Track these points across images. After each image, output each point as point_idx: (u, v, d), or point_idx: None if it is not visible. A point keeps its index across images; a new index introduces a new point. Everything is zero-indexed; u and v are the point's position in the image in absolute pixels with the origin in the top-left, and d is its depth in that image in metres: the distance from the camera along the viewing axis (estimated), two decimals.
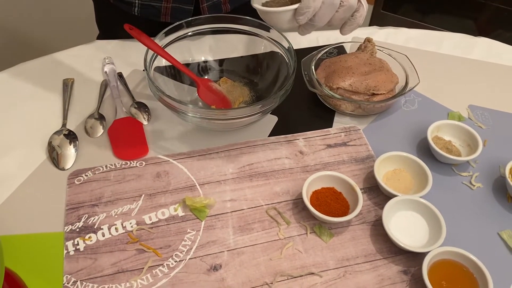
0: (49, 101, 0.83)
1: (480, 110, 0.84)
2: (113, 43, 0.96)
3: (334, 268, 0.62)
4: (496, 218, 0.68)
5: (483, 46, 0.98)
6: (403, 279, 0.61)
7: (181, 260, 0.62)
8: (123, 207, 0.68)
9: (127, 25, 0.74)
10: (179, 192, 0.70)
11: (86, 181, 0.71)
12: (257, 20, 0.82)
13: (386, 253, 0.64)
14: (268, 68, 0.85)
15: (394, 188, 0.68)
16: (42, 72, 0.89)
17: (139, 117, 0.80)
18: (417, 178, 0.70)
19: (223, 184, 0.71)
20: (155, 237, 0.65)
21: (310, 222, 0.67)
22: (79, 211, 0.67)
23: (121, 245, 0.64)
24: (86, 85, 0.87)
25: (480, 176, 0.73)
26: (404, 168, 0.72)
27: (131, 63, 0.90)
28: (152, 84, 0.72)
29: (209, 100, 0.77)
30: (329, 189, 0.69)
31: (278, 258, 0.63)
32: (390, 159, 0.72)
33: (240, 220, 0.67)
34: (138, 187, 0.70)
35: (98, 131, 0.78)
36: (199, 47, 0.87)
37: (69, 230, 0.65)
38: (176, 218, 0.67)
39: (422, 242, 0.63)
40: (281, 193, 0.70)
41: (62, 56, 0.92)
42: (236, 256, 0.63)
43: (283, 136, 0.78)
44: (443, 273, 0.59)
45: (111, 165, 0.73)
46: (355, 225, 0.67)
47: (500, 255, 0.64)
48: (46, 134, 0.77)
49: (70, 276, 0.60)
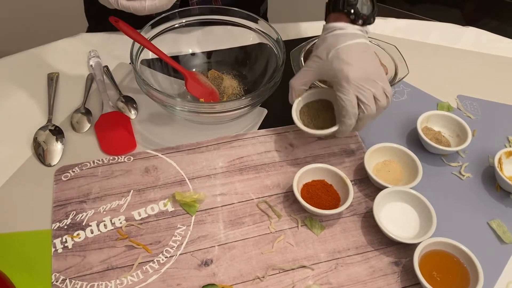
0: (34, 96, 0.82)
1: (469, 100, 0.84)
2: (98, 36, 0.94)
3: (325, 260, 0.62)
4: (485, 208, 0.69)
5: (471, 35, 0.98)
6: (394, 270, 0.61)
7: (172, 256, 0.62)
8: (112, 203, 0.67)
9: (112, 17, 0.72)
10: (168, 187, 0.69)
11: (73, 177, 0.70)
12: (245, 12, 0.81)
13: (377, 245, 0.64)
14: (257, 60, 0.84)
15: (385, 180, 0.68)
16: (26, 67, 0.87)
17: (126, 111, 0.79)
18: (407, 169, 0.70)
19: (213, 178, 0.70)
20: (144, 233, 0.64)
21: (301, 215, 0.66)
22: (66, 208, 0.66)
23: (110, 242, 0.63)
24: (72, 79, 0.85)
25: (469, 166, 0.74)
26: (394, 159, 0.72)
27: (117, 56, 0.89)
28: (139, 78, 0.70)
29: (197, 93, 0.76)
30: (320, 182, 0.68)
31: (270, 251, 0.63)
32: (380, 151, 0.72)
33: (231, 214, 0.66)
34: (126, 182, 0.69)
35: (85, 126, 0.77)
36: (187, 40, 0.86)
37: (57, 228, 0.64)
38: (165, 213, 0.66)
39: (413, 233, 0.64)
40: (272, 187, 0.70)
41: (46, 50, 0.90)
42: (227, 251, 0.62)
43: (273, 129, 0.77)
44: (434, 263, 0.59)
45: (99, 161, 0.72)
46: (346, 217, 0.67)
47: (490, 244, 0.65)
48: (31, 130, 0.75)
49: (59, 274, 0.59)
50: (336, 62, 0.65)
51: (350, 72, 0.64)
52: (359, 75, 0.64)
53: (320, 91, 0.73)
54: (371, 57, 0.67)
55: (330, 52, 0.66)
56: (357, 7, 0.67)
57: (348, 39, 0.66)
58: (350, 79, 0.64)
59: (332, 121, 0.70)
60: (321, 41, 0.69)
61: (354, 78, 0.64)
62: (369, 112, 0.64)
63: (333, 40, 0.67)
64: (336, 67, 0.65)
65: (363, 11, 0.68)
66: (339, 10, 0.68)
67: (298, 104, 0.71)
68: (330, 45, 0.67)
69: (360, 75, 0.64)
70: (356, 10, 0.67)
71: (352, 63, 0.64)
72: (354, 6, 0.67)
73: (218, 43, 0.87)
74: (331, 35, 0.67)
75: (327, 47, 0.67)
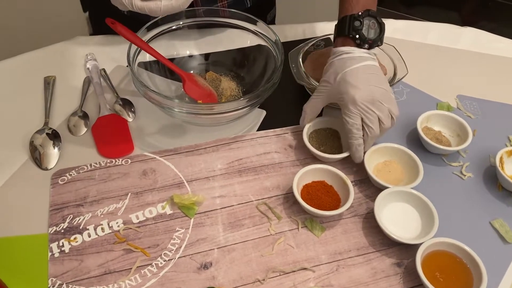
0: (30, 100, 0.81)
1: (469, 100, 0.84)
2: (95, 39, 0.93)
3: (326, 262, 0.61)
4: (487, 208, 0.68)
5: (469, 36, 0.98)
6: (397, 271, 0.60)
7: (170, 259, 0.61)
8: (109, 206, 0.66)
9: (108, 19, 0.72)
10: (166, 190, 0.68)
11: (70, 180, 0.69)
12: (243, 13, 0.81)
13: (379, 246, 0.63)
14: (255, 62, 0.83)
15: (385, 180, 0.68)
16: (22, 70, 0.87)
17: (123, 114, 0.78)
18: (408, 169, 0.70)
19: (211, 180, 0.70)
20: (142, 236, 0.63)
21: (301, 217, 0.66)
22: (63, 211, 0.65)
23: (108, 246, 0.62)
24: (68, 82, 0.84)
25: (470, 166, 0.73)
26: (395, 160, 0.71)
27: (115, 59, 0.88)
28: (136, 80, 0.70)
29: (195, 95, 0.76)
30: (320, 183, 0.68)
31: (270, 254, 0.62)
32: (380, 151, 0.71)
33: (230, 217, 0.65)
34: (124, 185, 0.68)
35: (82, 129, 0.76)
36: (184, 41, 0.85)
37: (54, 232, 0.63)
38: (164, 216, 0.65)
39: (414, 234, 0.63)
40: (271, 188, 0.69)
41: (42, 53, 0.90)
42: (226, 253, 0.62)
43: (272, 130, 0.77)
44: (437, 264, 0.59)
45: (96, 164, 0.71)
46: (347, 218, 0.66)
47: (493, 244, 0.64)
48: (27, 134, 0.74)
49: (55, 279, 0.58)
50: (343, 85, 0.66)
51: (356, 95, 0.64)
52: (365, 98, 0.64)
53: (329, 120, 0.75)
54: (379, 79, 0.67)
55: (338, 76, 0.66)
56: (363, 32, 0.67)
57: (355, 62, 0.66)
58: (357, 102, 0.64)
59: (338, 149, 0.73)
60: (329, 65, 0.69)
61: (360, 101, 0.64)
62: (372, 135, 0.66)
63: (340, 64, 0.67)
64: (343, 90, 0.66)
65: (369, 36, 0.68)
66: (345, 35, 0.68)
67: (308, 129, 0.73)
68: (337, 68, 0.67)
69: (367, 98, 0.64)
70: (362, 35, 0.67)
71: (359, 86, 0.64)
72: (360, 31, 0.67)
73: (216, 45, 0.86)
74: (338, 59, 0.68)
75: (335, 71, 0.67)
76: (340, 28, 0.69)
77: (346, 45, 0.68)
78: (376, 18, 0.68)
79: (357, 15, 0.67)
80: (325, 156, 0.70)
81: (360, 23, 0.67)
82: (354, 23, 0.67)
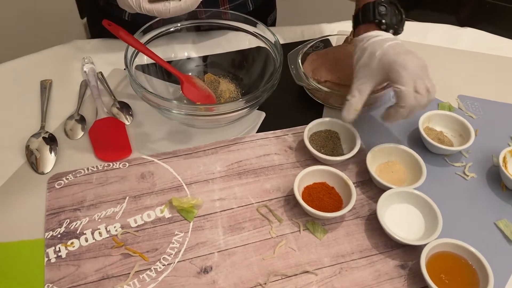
0: (26, 104, 0.80)
1: (470, 100, 0.83)
2: (92, 42, 0.92)
3: (329, 265, 0.60)
4: (491, 208, 0.67)
5: (469, 36, 0.97)
6: (401, 273, 0.59)
7: (170, 264, 0.59)
8: (107, 210, 0.65)
9: (105, 21, 0.71)
10: (165, 193, 0.67)
11: (67, 184, 0.67)
12: (242, 15, 0.80)
13: (382, 248, 0.62)
14: (254, 63, 0.83)
15: (388, 180, 0.67)
16: (18, 74, 0.86)
17: (121, 117, 0.77)
18: (410, 170, 0.69)
19: (211, 183, 0.68)
20: (141, 241, 0.62)
21: (302, 219, 0.64)
22: (60, 216, 0.64)
23: (106, 250, 0.60)
24: (65, 86, 0.83)
25: (473, 166, 0.72)
26: (397, 160, 0.70)
27: (112, 62, 0.87)
28: (134, 81, 0.69)
29: (193, 97, 0.75)
30: (321, 184, 0.67)
31: (271, 257, 0.60)
32: (382, 151, 0.70)
33: (230, 220, 0.64)
34: (122, 189, 0.67)
35: (79, 133, 0.75)
36: (182, 44, 0.84)
37: (50, 237, 0.62)
38: (162, 220, 0.64)
39: (418, 235, 0.62)
40: (272, 190, 0.68)
41: (39, 57, 0.89)
42: (227, 257, 0.60)
43: (272, 132, 0.76)
44: (442, 265, 0.57)
45: (93, 168, 0.70)
46: (349, 220, 0.65)
47: (498, 245, 0.63)
48: (23, 137, 0.73)
49: (52, 285, 0.57)
50: (386, 58, 0.63)
51: (406, 62, 0.62)
52: (415, 64, 0.62)
53: (329, 121, 0.74)
54: (414, 53, 0.65)
55: (376, 54, 0.64)
56: (388, 17, 0.67)
57: (389, 41, 0.65)
58: (408, 67, 0.62)
59: (339, 151, 0.72)
60: (360, 51, 0.67)
61: (412, 66, 0.62)
62: (421, 103, 0.63)
63: (374, 45, 0.65)
64: (388, 61, 0.63)
65: (393, 21, 0.67)
66: (370, 21, 0.67)
67: (308, 131, 0.72)
68: (372, 50, 0.65)
69: (415, 64, 0.62)
70: (387, 20, 0.66)
71: (403, 55, 0.63)
72: (385, 16, 0.66)
73: (214, 47, 0.86)
74: (370, 42, 0.66)
75: (371, 52, 0.65)
76: (364, 14, 0.68)
77: (371, 30, 0.67)
78: (396, 5, 0.68)
79: (380, 1, 0.67)
80: (326, 158, 0.69)
81: (385, 9, 0.66)
82: (379, 9, 0.66)
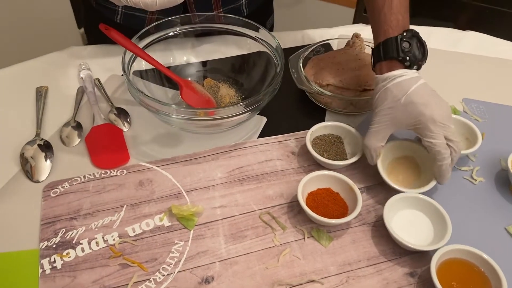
0: (21, 111, 0.78)
1: (475, 103, 0.81)
2: (88, 48, 0.91)
3: (335, 274, 0.58)
4: (501, 213, 0.65)
5: (472, 39, 0.96)
6: (410, 281, 0.57)
7: (169, 274, 0.57)
8: (104, 219, 0.62)
9: (102, 25, 0.69)
10: (164, 201, 0.65)
11: (63, 193, 0.65)
12: (241, 19, 0.79)
13: (390, 255, 0.60)
14: (254, 68, 0.81)
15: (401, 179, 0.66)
16: (14, 81, 0.84)
17: (118, 123, 0.75)
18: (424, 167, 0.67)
19: (211, 190, 0.66)
20: (139, 250, 0.59)
21: (307, 226, 0.62)
22: (55, 225, 0.61)
23: (103, 260, 0.58)
24: (61, 92, 0.82)
25: (481, 170, 0.70)
26: (411, 155, 0.68)
27: (109, 69, 0.85)
28: (132, 86, 0.67)
29: (193, 102, 0.73)
30: (326, 190, 0.64)
31: (275, 266, 0.58)
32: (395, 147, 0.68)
33: (232, 228, 0.62)
34: (119, 197, 0.65)
35: (75, 140, 0.73)
36: (181, 49, 0.83)
37: (45, 247, 0.59)
38: (162, 228, 0.62)
39: (426, 242, 0.60)
40: (275, 197, 0.66)
41: (35, 64, 0.87)
42: (229, 267, 0.58)
43: (274, 137, 0.74)
44: (453, 273, 0.55)
45: (90, 175, 0.68)
46: (355, 227, 0.63)
47: (510, 251, 0.60)
48: (18, 145, 0.71)
49: None
50: (412, 107, 0.61)
51: (434, 113, 0.60)
52: (443, 114, 0.61)
53: (332, 125, 0.72)
54: (438, 96, 0.63)
55: (401, 99, 0.62)
56: (411, 53, 0.63)
57: (414, 82, 0.62)
58: (436, 120, 0.60)
59: (342, 155, 0.70)
60: (383, 93, 0.64)
61: (440, 118, 0.60)
62: (459, 149, 0.62)
63: (398, 88, 0.62)
64: (415, 112, 0.61)
65: (417, 57, 0.64)
66: (393, 58, 0.64)
67: (311, 136, 0.70)
68: (397, 93, 0.62)
69: (444, 114, 0.61)
70: (411, 57, 0.63)
71: (431, 105, 0.61)
72: (409, 53, 0.63)
73: (214, 51, 0.84)
74: (394, 83, 0.63)
75: (395, 96, 0.62)
76: (386, 51, 0.64)
77: (394, 68, 0.64)
78: (418, 37, 0.65)
79: (403, 36, 0.64)
80: (330, 162, 0.67)
81: (409, 45, 0.63)
82: (402, 45, 0.63)
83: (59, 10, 1.77)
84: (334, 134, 0.72)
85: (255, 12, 0.95)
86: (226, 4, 0.89)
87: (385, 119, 0.63)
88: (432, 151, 0.62)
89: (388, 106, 0.63)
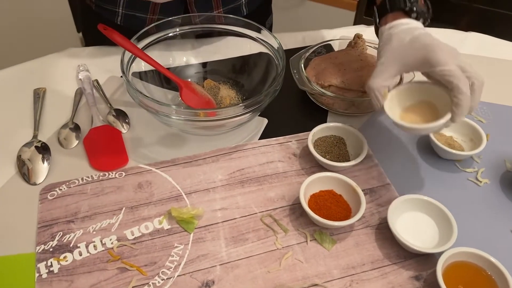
0: (18, 113, 0.77)
1: (479, 104, 0.80)
2: (87, 50, 0.90)
3: (339, 277, 0.56)
4: (507, 215, 0.64)
5: (474, 40, 0.96)
6: (415, 285, 0.56)
7: (169, 278, 0.56)
8: (102, 222, 0.61)
9: (101, 25, 0.69)
10: (163, 203, 0.63)
11: (60, 195, 0.64)
12: (242, 19, 0.78)
13: (395, 258, 0.58)
14: (255, 69, 0.80)
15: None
16: (11, 82, 0.83)
17: (117, 125, 0.74)
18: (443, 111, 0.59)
19: (212, 192, 0.65)
20: (138, 254, 0.58)
21: (309, 229, 0.61)
22: (52, 228, 0.60)
23: (101, 264, 0.57)
24: (60, 94, 0.80)
25: (486, 172, 0.69)
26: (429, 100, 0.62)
27: (108, 70, 0.84)
28: (131, 87, 0.66)
29: (193, 104, 0.72)
30: (328, 192, 0.63)
31: (277, 269, 0.57)
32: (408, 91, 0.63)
33: (233, 231, 0.61)
34: (118, 199, 0.64)
35: (73, 142, 0.72)
36: (180, 50, 0.82)
37: (42, 251, 0.58)
38: (161, 231, 0.60)
39: (431, 245, 0.58)
40: (276, 199, 0.64)
41: (33, 65, 0.86)
42: (230, 270, 0.57)
43: (275, 139, 0.73)
44: (460, 276, 0.54)
45: (88, 177, 0.66)
46: (359, 230, 0.61)
47: None
48: (14, 147, 0.70)
49: None
50: (418, 44, 0.59)
51: (441, 44, 0.58)
52: (449, 48, 0.58)
53: (334, 127, 0.71)
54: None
55: (405, 40, 0.60)
56: (418, 5, 0.63)
57: (419, 30, 0.61)
58: (444, 49, 0.57)
59: (344, 157, 0.69)
60: (387, 38, 0.62)
61: (448, 48, 0.58)
62: (480, 79, 0.57)
63: (403, 32, 0.61)
64: (421, 45, 0.58)
65: (423, 10, 0.63)
66: (399, 9, 0.63)
67: (313, 137, 0.69)
68: (402, 36, 0.61)
69: (450, 48, 0.58)
70: (418, 8, 0.63)
71: (437, 41, 0.59)
72: (416, 4, 0.63)
73: (214, 52, 0.83)
74: (399, 30, 0.62)
75: (401, 38, 0.61)
76: (393, 2, 0.64)
77: (400, 18, 0.63)
78: None
79: None
80: (332, 164, 0.66)
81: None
82: None
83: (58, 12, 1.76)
84: (336, 136, 0.71)
85: (255, 12, 0.95)
86: (226, 3, 0.88)
87: (390, 58, 0.61)
88: (448, 81, 0.56)
89: (393, 46, 0.61)
